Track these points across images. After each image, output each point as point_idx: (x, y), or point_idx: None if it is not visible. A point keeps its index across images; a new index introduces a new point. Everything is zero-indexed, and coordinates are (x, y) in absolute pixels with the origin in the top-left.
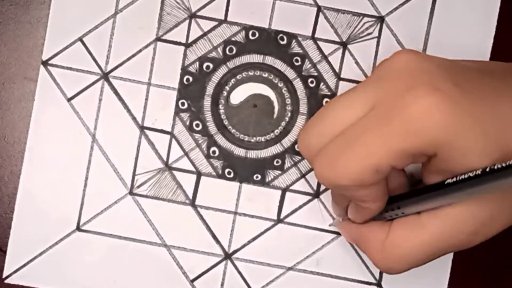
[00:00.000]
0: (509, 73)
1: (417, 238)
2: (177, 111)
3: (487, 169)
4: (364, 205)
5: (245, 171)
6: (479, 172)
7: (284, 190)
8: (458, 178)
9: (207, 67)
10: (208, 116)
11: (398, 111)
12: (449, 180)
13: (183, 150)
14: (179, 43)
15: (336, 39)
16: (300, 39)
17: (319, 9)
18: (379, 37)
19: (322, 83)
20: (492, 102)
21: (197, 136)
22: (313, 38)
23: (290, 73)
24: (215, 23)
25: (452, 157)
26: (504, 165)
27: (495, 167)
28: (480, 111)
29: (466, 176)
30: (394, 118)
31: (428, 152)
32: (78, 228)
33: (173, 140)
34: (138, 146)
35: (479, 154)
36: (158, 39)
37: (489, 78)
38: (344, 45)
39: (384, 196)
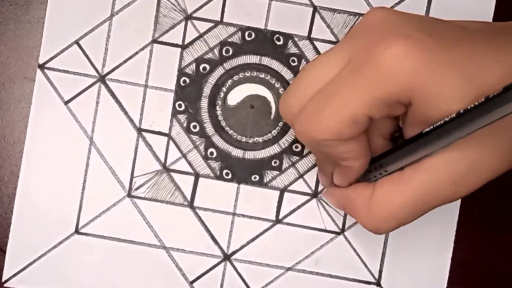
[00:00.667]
0: (485, 27)
1: (401, 193)
2: (174, 113)
3: (461, 111)
4: (347, 164)
5: (243, 172)
6: (453, 116)
7: (282, 191)
8: (434, 126)
9: (204, 68)
10: (206, 117)
11: (370, 61)
12: (427, 129)
13: (181, 151)
14: (176, 45)
15: (333, 39)
16: (296, 39)
17: (315, 9)
18: None
19: None
20: (466, 49)
21: (194, 137)
22: (309, 38)
23: (287, 74)
24: (211, 24)
25: (427, 103)
26: (476, 104)
27: (468, 108)
28: (453, 57)
29: (441, 122)
30: (366, 67)
31: (402, 99)
32: (77, 231)
33: (171, 142)
34: (136, 148)
35: (453, 98)
36: (155, 41)
37: (467, 31)
38: None
39: (366, 153)
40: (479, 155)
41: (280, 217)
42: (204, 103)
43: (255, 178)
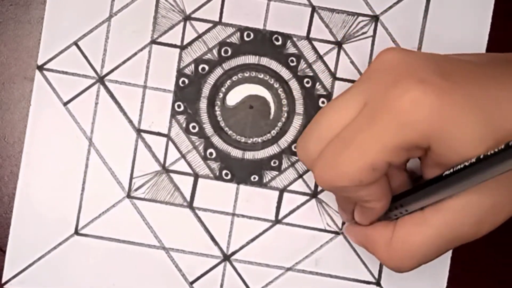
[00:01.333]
0: (499, 61)
1: (422, 233)
2: (174, 114)
3: (481, 157)
4: (368, 205)
5: (242, 172)
6: (473, 160)
7: (282, 191)
8: (455, 169)
9: (203, 69)
10: (205, 118)
11: (386, 107)
12: (447, 172)
13: (180, 152)
14: (174, 46)
15: (331, 38)
16: (295, 39)
17: (314, 9)
18: (374, 36)
19: (317, 83)
20: (482, 89)
21: (193, 138)
22: (308, 38)
23: (286, 74)
24: (210, 25)
25: (447, 147)
26: (496, 150)
27: (489, 153)
28: (470, 99)
29: (462, 166)
30: (383, 114)
31: (421, 144)
32: (77, 232)
33: (170, 142)
34: (135, 149)
35: (473, 142)
36: (153, 41)
37: (478, 67)
38: (339, 44)
39: (387, 194)
40: (499, 196)
41: (279, 217)
42: (203, 103)
43: (254, 178)
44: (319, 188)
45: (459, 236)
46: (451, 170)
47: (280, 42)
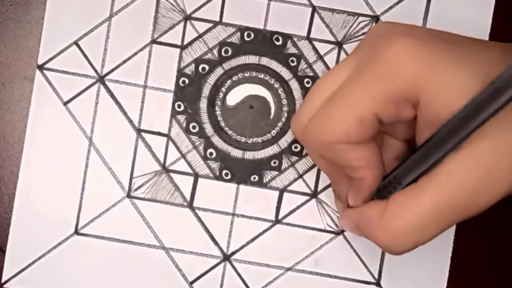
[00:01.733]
0: (490, 43)
1: (416, 203)
2: (174, 113)
3: (468, 103)
4: (358, 175)
5: (242, 172)
6: (460, 108)
7: (282, 191)
8: (443, 124)
9: (203, 69)
10: (205, 118)
11: (375, 59)
12: (436, 130)
13: (180, 152)
14: (175, 45)
15: (332, 39)
16: (295, 39)
17: (314, 9)
18: None
19: None
20: (470, 48)
21: (194, 138)
22: (308, 38)
23: (286, 74)
24: (210, 24)
25: (434, 100)
26: (482, 91)
27: (473, 98)
28: (457, 52)
29: (450, 118)
30: (371, 65)
31: (409, 95)
32: (76, 232)
33: (170, 142)
34: (135, 149)
35: (459, 93)
36: (154, 41)
37: (467, 38)
38: (339, 44)
39: (377, 163)
40: (495, 163)
41: (279, 217)
42: (203, 103)
43: (254, 178)
44: (319, 188)
45: (456, 204)
46: (441, 126)
47: (280, 42)
